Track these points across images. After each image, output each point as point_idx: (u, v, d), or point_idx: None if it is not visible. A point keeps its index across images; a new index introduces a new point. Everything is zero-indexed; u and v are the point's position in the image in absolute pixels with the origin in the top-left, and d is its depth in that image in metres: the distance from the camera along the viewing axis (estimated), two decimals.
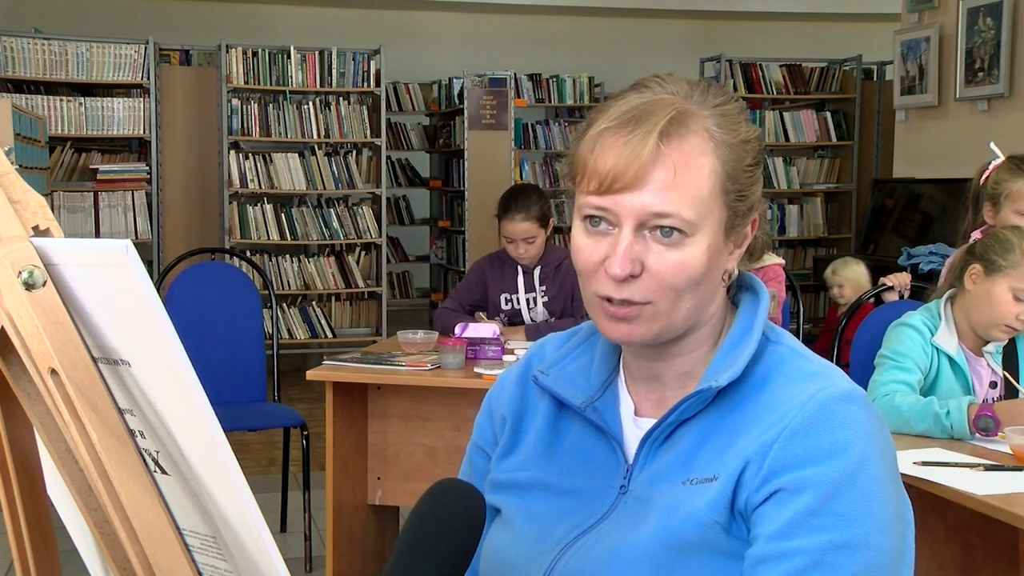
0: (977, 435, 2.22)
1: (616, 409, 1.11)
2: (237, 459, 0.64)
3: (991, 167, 2.90)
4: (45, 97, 6.66)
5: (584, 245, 1.03)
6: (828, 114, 8.12)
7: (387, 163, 7.76)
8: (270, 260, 7.26)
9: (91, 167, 6.78)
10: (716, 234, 1.02)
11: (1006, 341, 2.45)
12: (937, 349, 2.43)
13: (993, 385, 2.45)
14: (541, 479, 1.11)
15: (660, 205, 0.99)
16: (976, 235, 2.60)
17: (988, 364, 2.45)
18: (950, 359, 2.43)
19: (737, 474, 0.98)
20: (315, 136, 7.27)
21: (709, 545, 0.98)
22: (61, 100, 6.69)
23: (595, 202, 1.01)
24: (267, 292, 4.28)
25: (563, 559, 1.04)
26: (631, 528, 1.02)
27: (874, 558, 0.94)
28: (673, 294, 1.01)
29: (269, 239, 7.20)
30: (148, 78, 6.86)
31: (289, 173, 7.23)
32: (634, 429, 1.09)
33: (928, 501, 1.96)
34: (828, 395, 0.99)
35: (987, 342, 2.45)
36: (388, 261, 7.85)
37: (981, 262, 2.40)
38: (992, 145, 3.04)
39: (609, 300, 1.02)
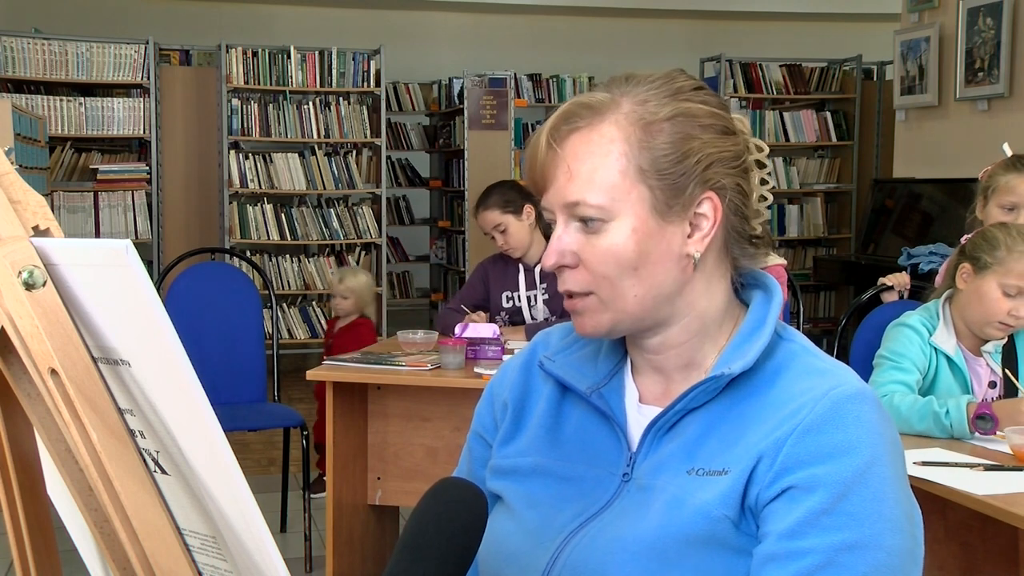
0: (976, 434, 2.22)
1: (621, 396, 1.11)
2: (237, 459, 0.64)
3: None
4: (45, 97, 6.66)
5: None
6: (828, 114, 8.12)
7: (387, 163, 7.76)
8: (270, 260, 7.26)
9: (91, 167, 6.79)
10: (643, 216, 1.03)
11: (1004, 340, 2.45)
12: (935, 349, 2.44)
13: (992, 385, 2.45)
14: (542, 465, 1.11)
15: (570, 195, 1.04)
16: (965, 240, 2.62)
17: (987, 364, 2.45)
18: (948, 359, 2.44)
19: (750, 469, 0.98)
20: (315, 136, 7.27)
21: (717, 540, 0.98)
22: (61, 100, 6.69)
23: (541, 204, 1.09)
24: (267, 292, 4.28)
25: (567, 549, 1.04)
26: (635, 518, 1.02)
27: (885, 558, 0.94)
28: (608, 282, 1.04)
29: (269, 239, 7.20)
30: (148, 78, 6.86)
31: (289, 173, 7.23)
32: (638, 417, 1.09)
33: (928, 501, 1.95)
34: (841, 393, 0.99)
35: (985, 342, 2.45)
36: (388, 261, 7.85)
37: (970, 261, 2.42)
38: (1005, 146, 3.06)
39: (569, 296, 1.07)
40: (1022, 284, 2.34)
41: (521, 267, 3.70)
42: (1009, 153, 2.99)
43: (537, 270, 3.69)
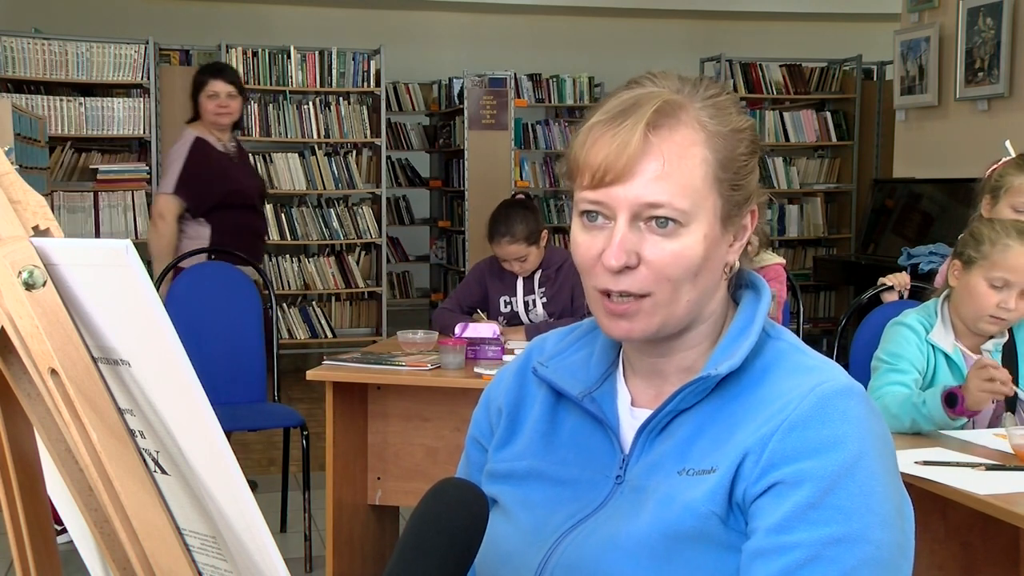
0: (960, 419, 2.22)
1: (613, 400, 1.12)
2: (237, 459, 0.64)
3: (1000, 162, 2.92)
4: (45, 97, 6.65)
5: (582, 240, 1.05)
6: (828, 114, 8.12)
7: (387, 163, 7.76)
8: (270, 260, 7.26)
9: (91, 167, 6.78)
10: (712, 224, 1.03)
11: (1004, 336, 2.45)
12: (933, 347, 2.44)
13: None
14: (537, 469, 1.11)
15: (652, 195, 1.00)
16: None
17: None
18: (947, 357, 2.44)
19: (736, 466, 0.99)
20: (315, 136, 7.27)
21: (706, 536, 0.98)
22: (61, 100, 6.68)
23: (590, 196, 1.03)
24: (267, 292, 4.28)
25: (559, 548, 1.05)
26: (627, 518, 1.02)
27: (873, 552, 0.94)
28: (671, 285, 1.02)
29: (269, 239, 7.20)
30: (148, 78, 6.86)
31: (289, 173, 7.23)
32: (631, 420, 1.10)
33: (929, 501, 1.95)
34: (827, 389, 0.99)
35: (987, 339, 2.45)
36: (388, 261, 7.85)
37: (959, 257, 2.44)
38: (1007, 143, 3.05)
39: (608, 295, 1.03)
40: (1007, 276, 2.35)
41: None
42: (1012, 151, 2.97)
43: (536, 275, 3.69)
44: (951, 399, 2.20)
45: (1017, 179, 2.80)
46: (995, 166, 2.93)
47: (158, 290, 3.45)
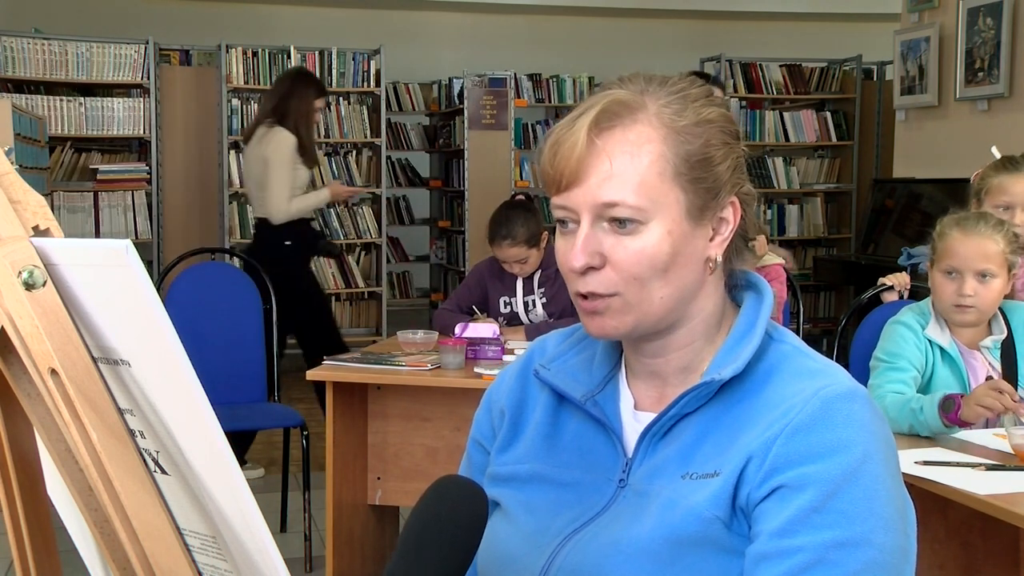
0: (954, 427, 2.22)
1: (616, 403, 1.11)
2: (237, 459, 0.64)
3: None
4: (45, 97, 6.66)
5: (559, 245, 1.07)
6: (828, 114, 8.12)
7: (387, 163, 7.75)
8: None
9: (91, 167, 6.78)
10: (677, 219, 1.02)
11: (1002, 332, 2.45)
12: (931, 342, 2.45)
13: (990, 379, 2.45)
14: (540, 472, 1.11)
15: (606, 195, 1.01)
16: None
17: (985, 358, 2.46)
18: (944, 352, 2.45)
19: (739, 470, 0.98)
20: (315, 136, 7.26)
21: (709, 541, 0.98)
22: (61, 100, 6.68)
23: (555, 202, 1.05)
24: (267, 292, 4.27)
25: (562, 552, 1.04)
26: (630, 522, 1.02)
27: (876, 556, 0.94)
28: (638, 284, 1.02)
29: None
30: (148, 78, 6.85)
31: None
32: (633, 423, 1.10)
33: (929, 501, 1.95)
34: (831, 393, 0.99)
35: (985, 336, 2.46)
36: (388, 261, 7.85)
37: (931, 257, 2.50)
38: (993, 148, 3.08)
39: (584, 296, 1.04)
40: (953, 263, 2.41)
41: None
42: (997, 155, 3.02)
43: (536, 276, 3.70)
44: (947, 404, 2.20)
45: (995, 179, 2.86)
46: (979, 171, 2.98)
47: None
